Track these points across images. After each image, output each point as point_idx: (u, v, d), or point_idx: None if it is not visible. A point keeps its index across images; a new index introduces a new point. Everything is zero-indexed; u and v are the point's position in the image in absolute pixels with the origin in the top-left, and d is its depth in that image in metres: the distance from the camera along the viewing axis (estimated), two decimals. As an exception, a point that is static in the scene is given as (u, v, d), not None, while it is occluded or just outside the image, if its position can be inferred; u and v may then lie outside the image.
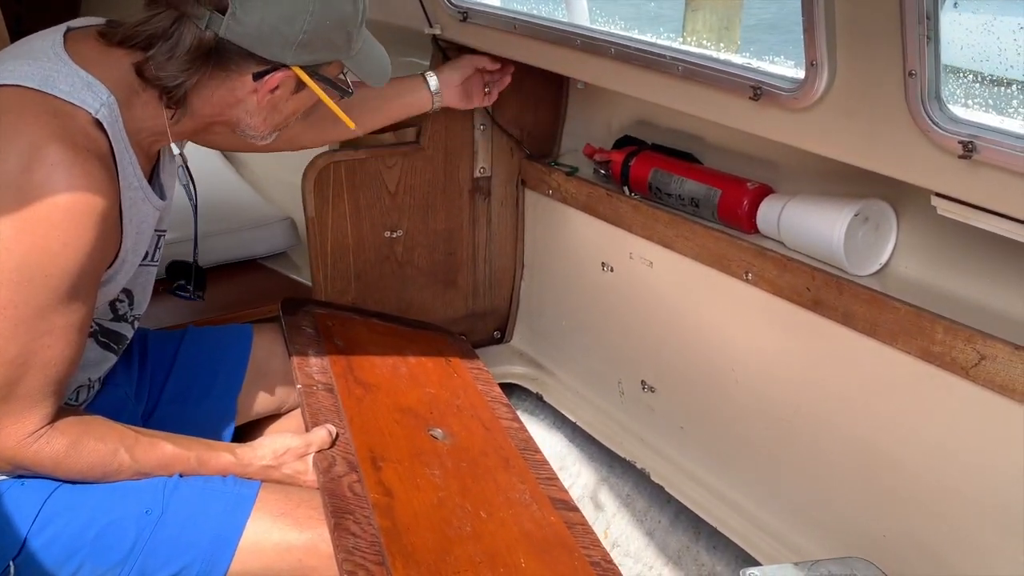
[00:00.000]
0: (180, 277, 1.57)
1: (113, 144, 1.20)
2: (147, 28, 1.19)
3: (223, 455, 1.31)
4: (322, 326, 1.74)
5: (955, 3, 1.13)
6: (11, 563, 1.21)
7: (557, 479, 1.55)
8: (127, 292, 1.37)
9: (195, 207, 1.40)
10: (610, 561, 1.39)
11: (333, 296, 2.01)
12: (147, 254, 1.39)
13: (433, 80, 1.78)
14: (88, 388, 1.39)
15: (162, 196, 1.36)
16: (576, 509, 1.49)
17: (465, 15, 1.84)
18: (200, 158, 3.14)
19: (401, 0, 1.94)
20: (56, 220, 1.11)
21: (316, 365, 1.59)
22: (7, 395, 1.14)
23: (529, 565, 1.30)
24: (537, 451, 1.61)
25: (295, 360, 1.58)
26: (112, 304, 1.36)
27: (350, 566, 1.14)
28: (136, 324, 1.44)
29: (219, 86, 1.25)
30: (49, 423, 1.18)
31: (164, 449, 1.26)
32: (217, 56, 1.21)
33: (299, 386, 1.51)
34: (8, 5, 1.80)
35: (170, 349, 1.61)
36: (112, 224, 1.20)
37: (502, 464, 1.53)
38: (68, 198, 1.11)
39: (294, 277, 2.47)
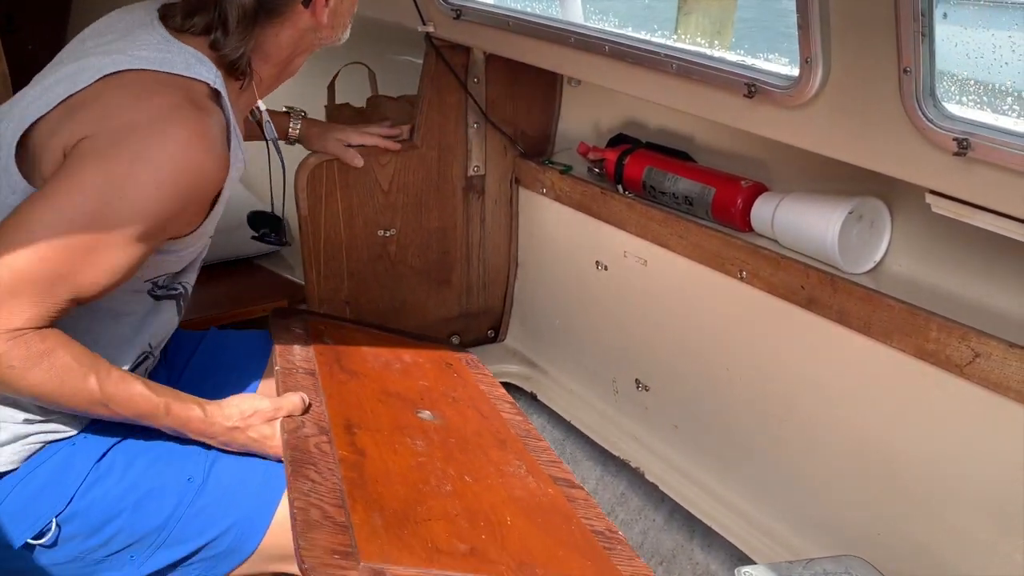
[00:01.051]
0: (263, 226, 1.65)
1: (227, 116, 1.25)
2: (195, 19, 1.26)
3: (192, 408, 1.26)
4: (313, 329, 1.71)
5: (944, 14, 1.12)
6: (54, 520, 1.23)
7: (561, 463, 1.48)
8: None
9: (281, 160, 1.50)
10: (615, 531, 1.34)
11: (326, 294, 2.00)
12: None
13: (297, 125, 1.84)
14: (149, 358, 1.38)
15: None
16: (579, 487, 1.42)
17: (458, 12, 1.83)
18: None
19: (394, -2, 1.93)
20: (160, 167, 1.15)
21: (299, 354, 1.53)
22: (14, 286, 1.12)
23: (516, 523, 1.23)
24: (540, 439, 1.56)
25: (277, 348, 1.51)
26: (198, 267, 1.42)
27: (302, 503, 1.09)
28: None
29: (280, 31, 1.31)
30: (34, 328, 1.15)
31: (134, 388, 1.22)
32: (264, 10, 1.27)
33: (277, 368, 1.44)
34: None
35: (188, 349, 1.61)
36: (206, 198, 1.24)
37: (497, 444, 1.46)
38: (183, 159, 1.16)
39: (287, 276, 2.47)
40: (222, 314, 2.17)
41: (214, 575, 1.29)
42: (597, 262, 1.95)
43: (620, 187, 1.84)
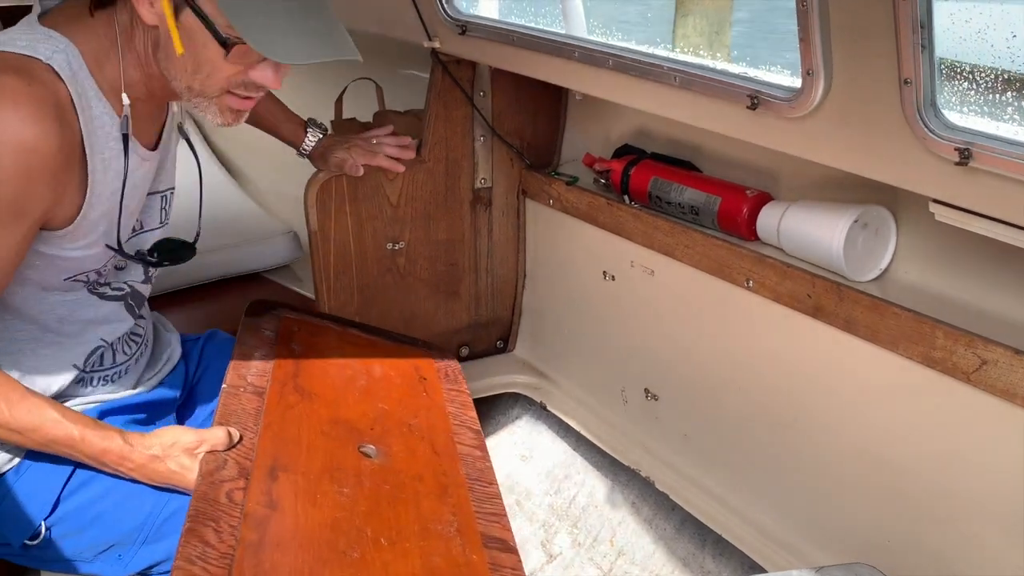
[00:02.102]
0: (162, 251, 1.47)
1: (72, 91, 1.17)
2: None
3: (111, 438, 1.22)
4: (284, 330, 1.62)
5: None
6: (43, 523, 1.26)
7: (504, 517, 1.35)
8: (153, 251, 1.39)
9: (199, 169, 1.44)
10: None
11: (336, 308, 2.02)
12: (163, 215, 1.42)
13: (314, 140, 1.83)
14: (101, 351, 1.37)
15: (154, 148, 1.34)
16: (513, 551, 1.28)
17: (463, 28, 1.85)
18: (204, 172, 3.16)
19: (400, 14, 1.95)
20: None
21: (255, 368, 1.46)
22: None
23: None
24: (491, 483, 1.42)
25: (232, 361, 1.45)
26: (146, 266, 1.40)
27: (183, 574, 1.03)
28: (152, 283, 1.47)
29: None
30: None
31: (46, 414, 1.19)
32: None
33: (224, 386, 1.38)
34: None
35: (196, 348, 1.64)
36: (60, 167, 1.16)
37: (436, 491, 1.34)
38: (7, 132, 1.10)
39: (297, 290, 2.49)
40: (231, 329, 2.19)
41: None
42: (604, 272, 1.96)
43: (626, 198, 1.86)
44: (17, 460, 1.29)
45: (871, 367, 1.41)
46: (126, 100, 1.23)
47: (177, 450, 1.23)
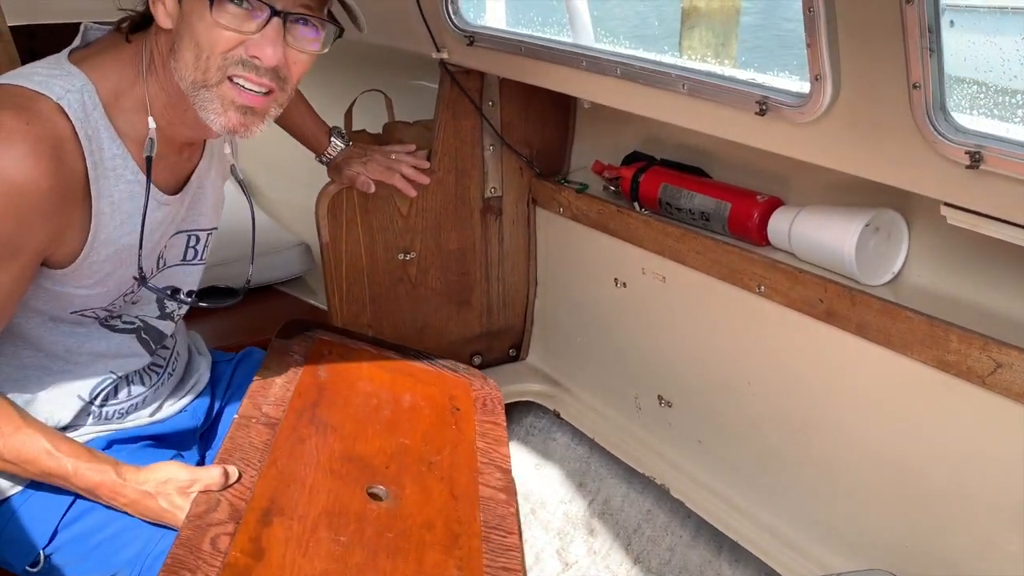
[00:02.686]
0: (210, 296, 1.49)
1: (80, 131, 1.15)
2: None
3: (105, 471, 1.20)
4: (314, 354, 1.57)
5: (951, 22, 1.13)
6: (42, 551, 1.25)
7: (519, 572, 1.26)
8: (174, 289, 1.37)
9: (252, 211, 1.43)
10: None
11: (348, 319, 2.02)
12: (191, 253, 1.40)
13: (336, 149, 1.83)
14: (113, 383, 1.36)
15: (176, 192, 1.32)
16: None
17: (471, 39, 1.86)
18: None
19: (408, 26, 1.96)
20: None
21: (274, 396, 1.41)
22: None
23: None
24: (511, 532, 1.32)
25: (251, 388, 1.40)
26: (160, 301, 1.38)
27: None
28: (177, 320, 1.45)
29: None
30: None
31: (40, 446, 1.18)
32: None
33: (235, 416, 1.34)
34: (22, 40, 1.84)
35: (228, 369, 1.62)
36: (56, 207, 1.14)
37: (446, 541, 1.25)
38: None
39: (310, 301, 2.50)
40: (245, 340, 2.19)
41: None
42: (616, 279, 1.96)
43: (636, 204, 1.86)
44: (20, 487, 1.28)
45: (884, 371, 1.41)
46: (152, 124, 1.21)
47: (170, 488, 1.20)
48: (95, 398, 1.34)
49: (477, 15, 1.93)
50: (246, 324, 2.25)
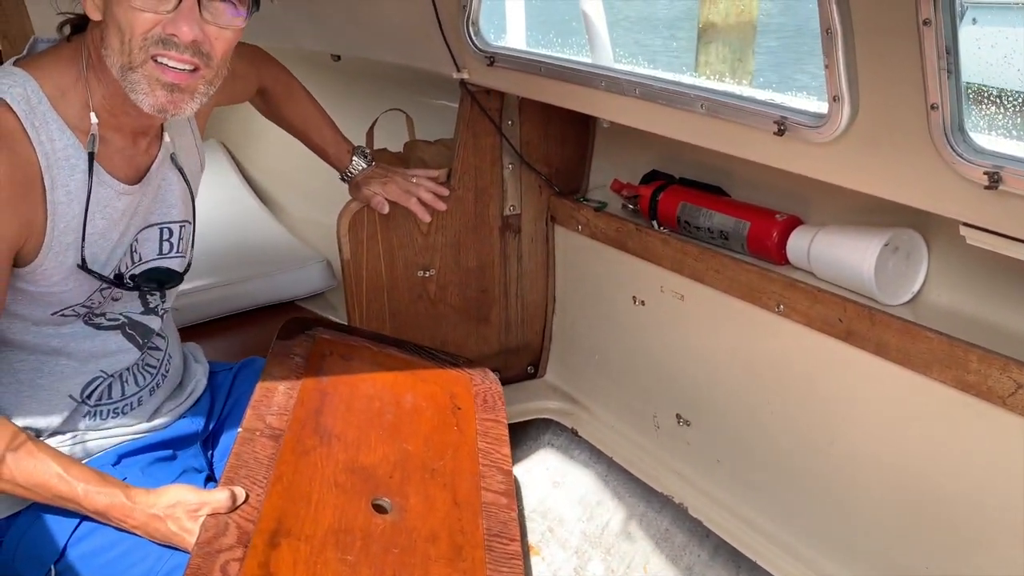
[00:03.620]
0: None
1: (27, 123, 1.18)
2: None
3: (112, 494, 1.22)
4: (315, 355, 1.57)
5: (974, 19, 1.13)
6: (53, 567, 1.27)
7: None
8: (117, 276, 1.36)
9: (192, 198, 1.43)
10: None
11: (369, 336, 2.04)
12: (167, 246, 1.40)
13: (357, 168, 1.87)
14: (104, 382, 1.37)
15: (136, 182, 1.33)
16: None
17: (492, 59, 1.88)
18: (238, 201, 3.23)
19: (430, 46, 1.99)
20: None
21: (277, 405, 1.42)
22: None
23: None
24: (513, 539, 1.36)
25: (254, 397, 1.41)
26: (143, 296, 1.40)
27: None
28: (165, 317, 1.45)
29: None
30: None
31: (50, 470, 1.20)
32: None
33: (240, 430, 1.35)
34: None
35: (228, 378, 1.64)
36: (17, 197, 1.17)
37: (451, 555, 1.27)
38: None
39: (332, 318, 2.52)
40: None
41: None
42: (634, 297, 1.96)
43: (655, 223, 1.86)
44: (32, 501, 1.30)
45: (904, 391, 1.40)
46: (94, 119, 1.23)
47: (179, 511, 1.21)
48: (87, 397, 1.36)
49: (497, 36, 1.96)
50: (269, 339, 2.27)
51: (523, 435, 2.24)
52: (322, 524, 1.24)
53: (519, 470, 2.17)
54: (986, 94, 1.18)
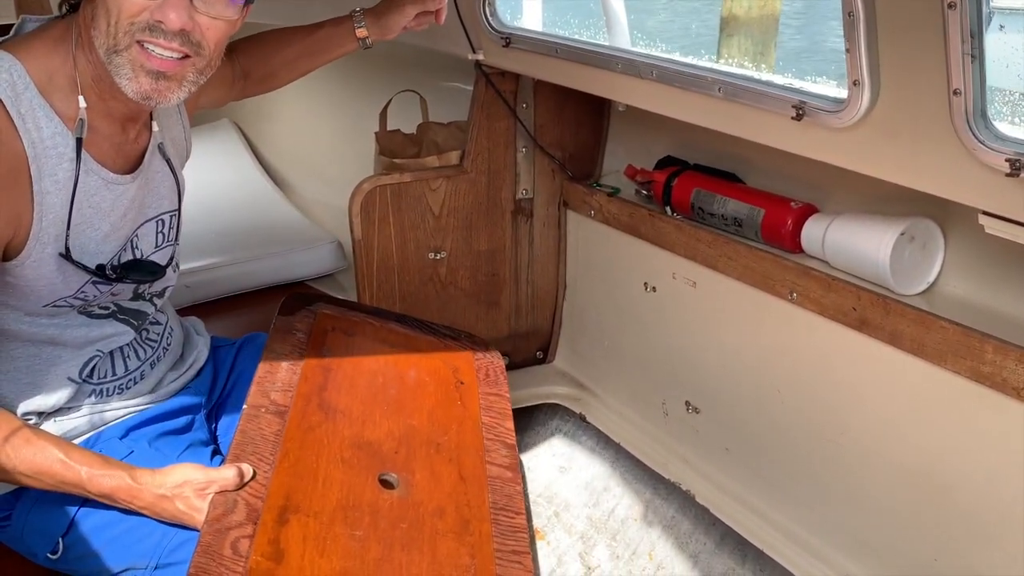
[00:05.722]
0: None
1: (12, 110, 1.15)
2: None
3: (117, 476, 1.22)
4: (317, 331, 1.56)
5: (1000, 26, 1.12)
6: (60, 539, 1.28)
7: (527, 555, 1.29)
8: (99, 266, 1.33)
9: (180, 192, 1.40)
10: None
11: (378, 317, 2.04)
12: (160, 238, 1.39)
13: (363, 30, 1.64)
14: (103, 360, 1.37)
15: (129, 171, 1.30)
16: None
17: (507, 40, 1.87)
18: (250, 182, 3.23)
19: (445, 28, 1.97)
20: None
21: (281, 381, 1.41)
22: None
23: None
24: (519, 512, 1.36)
25: (257, 374, 1.41)
26: (135, 286, 1.38)
27: None
28: (156, 301, 1.43)
29: None
30: None
31: (52, 456, 1.19)
32: None
33: (244, 406, 1.34)
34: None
35: (231, 352, 1.64)
36: (3, 185, 1.14)
37: (458, 528, 1.28)
38: None
39: (341, 298, 2.52)
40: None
41: None
42: (646, 284, 1.95)
43: (668, 209, 1.85)
44: None
45: (917, 382, 1.39)
46: (82, 103, 1.19)
47: (187, 490, 1.21)
48: (88, 377, 1.35)
49: (514, 17, 1.94)
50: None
51: (531, 420, 2.24)
52: (330, 500, 1.24)
53: (526, 455, 2.17)
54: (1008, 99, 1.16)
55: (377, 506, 1.26)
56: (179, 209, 1.44)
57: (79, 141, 1.20)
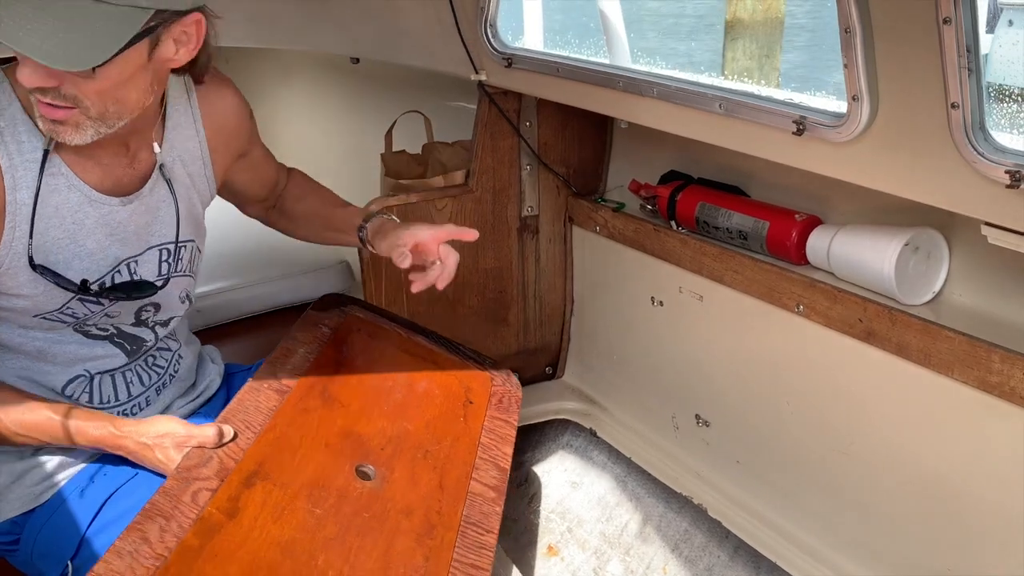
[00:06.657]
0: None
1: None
2: None
3: (101, 426, 1.27)
4: (343, 329, 1.57)
5: (1010, 21, 1.13)
6: (70, 563, 1.28)
7: (487, 571, 1.24)
8: (84, 281, 1.32)
9: (177, 214, 1.38)
10: None
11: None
12: (164, 267, 1.39)
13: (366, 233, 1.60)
14: (87, 382, 1.38)
15: (124, 194, 1.30)
16: None
17: (510, 60, 1.89)
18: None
19: (447, 49, 2.00)
20: None
21: (292, 365, 1.42)
22: None
23: None
24: (490, 531, 1.31)
25: (273, 354, 1.43)
26: (137, 311, 1.38)
27: (102, 570, 1.01)
28: (159, 330, 1.43)
29: None
30: None
31: (40, 414, 1.26)
32: None
33: (250, 380, 1.37)
34: None
35: (245, 378, 1.63)
36: None
37: (421, 531, 1.24)
38: None
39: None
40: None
41: None
42: (652, 298, 1.96)
43: (673, 223, 1.86)
44: (48, 496, 1.32)
45: (925, 392, 1.39)
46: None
47: (167, 441, 1.25)
48: (68, 396, 1.36)
49: (515, 38, 1.96)
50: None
51: (541, 436, 2.25)
52: (301, 476, 1.25)
53: (538, 471, 2.18)
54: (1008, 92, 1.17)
55: (346, 491, 1.26)
56: (178, 240, 1.40)
57: (46, 152, 1.22)
